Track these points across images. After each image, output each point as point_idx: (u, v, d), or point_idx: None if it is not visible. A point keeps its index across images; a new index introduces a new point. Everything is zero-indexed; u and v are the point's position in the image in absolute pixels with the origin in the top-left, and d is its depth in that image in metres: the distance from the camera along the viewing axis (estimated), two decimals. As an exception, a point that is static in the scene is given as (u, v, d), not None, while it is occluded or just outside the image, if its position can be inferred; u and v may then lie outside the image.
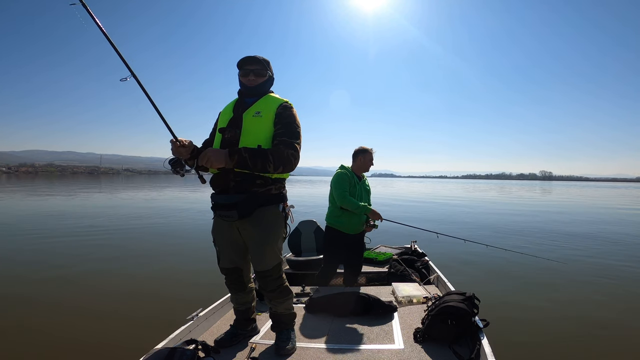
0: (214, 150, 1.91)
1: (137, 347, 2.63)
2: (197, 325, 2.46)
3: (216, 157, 1.88)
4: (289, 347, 2.19)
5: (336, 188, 3.36)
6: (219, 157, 1.89)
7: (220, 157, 1.89)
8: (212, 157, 1.87)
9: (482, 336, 2.16)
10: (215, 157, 1.88)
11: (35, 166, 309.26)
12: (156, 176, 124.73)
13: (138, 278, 5.37)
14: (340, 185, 3.35)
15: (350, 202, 3.32)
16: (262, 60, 2.16)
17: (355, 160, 3.54)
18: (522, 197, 31.52)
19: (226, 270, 2.26)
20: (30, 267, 5.92)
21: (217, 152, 1.90)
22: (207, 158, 1.87)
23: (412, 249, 4.81)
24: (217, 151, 1.91)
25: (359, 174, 3.56)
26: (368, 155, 3.52)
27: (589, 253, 7.46)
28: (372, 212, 3.41)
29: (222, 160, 1.90)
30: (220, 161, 1.89)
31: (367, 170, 3.57)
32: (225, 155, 1.90)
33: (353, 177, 3.45)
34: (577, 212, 16.71)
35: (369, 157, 3.52)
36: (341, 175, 3.41)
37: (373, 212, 3.41)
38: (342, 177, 3.39)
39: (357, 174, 3.53)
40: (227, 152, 1.92)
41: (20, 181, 54.72)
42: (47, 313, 3.99)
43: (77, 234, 9.06)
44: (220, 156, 1.89)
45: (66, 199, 20.87)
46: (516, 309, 4.23)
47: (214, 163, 1.88)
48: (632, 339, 3.46)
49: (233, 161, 1.91)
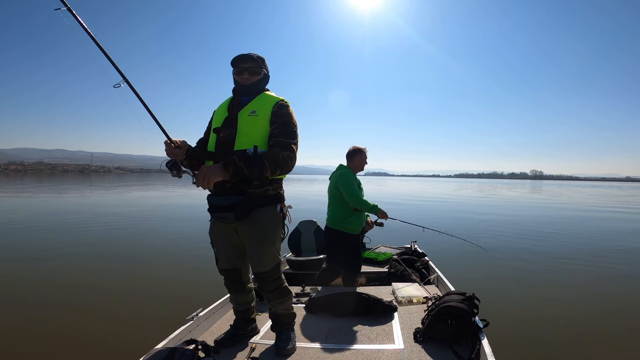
0: (208, 168, 1.86)
1: (137, 347, 2.61)
2: (197, 325, 2.45)
3: (212, 173, 1.83)
4: (289, 347, 2.19)
5: (348, 189, 3.34)
6: (216, 173, 1.84)
7: (216, 173, 1.84)
8: (208, 175, 1.82)
9: (482, 336, 2.17)
10: (211, 173, 1.83)
11: (24, 164, 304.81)
12: (148, 175, 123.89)
13: (138, 278, 5.33)
14: (352, 185, 3.36)
15: (365, 203, 3.36)
16: (257, 57, 2.12)
17: (353, 160, 3.55)
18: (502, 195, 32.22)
19: (225, 272, 2.25)
20: (30, 267, 5.86)
21: (212, 169, 1.85)
22: (202, 176, 1.82)
23: (412, 249, 4.82)
24: (212, 168, 1.86)
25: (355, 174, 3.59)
26: (364, 154, 3.56)
27: (589, 253, 7.52)
28: (382, 212, 3.53)
29: (220, 175, 1.85)
30: (218, 176, 1.84)
31: (363, 169, 3.59)
32: (220, 169, 1.85)
33: (356, 177, 3.49)
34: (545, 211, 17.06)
35: (364, 156, 3.57)
36: (350, 175, 3.43)
37: (382, 211, 3.52)
38: (351, 177, 3.42)
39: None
40: (222, 165, 1.86)
41: (10, 179, 53.95)
42: (47, 313, 3.95)
43: (76, 233, 8.95)
44: (217, 171, 1.84)
45: (60, 197, 20.63)
46: (516, 309, 4.26)
47: (212, 179, 1.83)
48: (632, 339, 3.50)
49: (229, 173, 1.87)
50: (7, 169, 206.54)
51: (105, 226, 10.20)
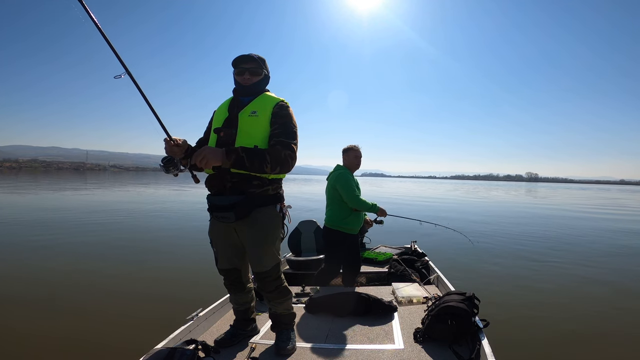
0: (210, 149, 1.86)
1: (137, 347, 2.61)
2: (197, 325, 2.44)
3: (213, 155, 1.83)
4: (289, 347, 2.18)
5: (347, 190, 3.33)
6: (216, 155, 1.84)
7: (217, 156, 1.84)
8: (208, 155, 1.82)
9: (482, 336, 2.17)
10: (212, 155, 1.83)
11: (19, 161, 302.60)
12: (144, 173, 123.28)
13: (138, 278, 5.31)
14: (350, 186, 3.35)
15: (364, 202, 3.36)
16: (258, 58, 2.12)
17: (348, 154, 3.53)
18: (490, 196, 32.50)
19: (224, 272, 2.24)
20: (29, 266, 5.81)
21: (214, 151, 1.85)
22: (202, 156, 1.81)
23: (412, 249, 4.83)
24: (214, 149, 1.86)
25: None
26: (357, 152, 3.53)
27: (587, 253, 7.58)
28: (382, 210, 3.51)
29: (219, 159, 1.85)
30: (217, 160, 1.84)
31: (358, 167, 3.56)
32: (222, 153, 1.85)
33: (353, 177, 3.48)
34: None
35: (358, 153, 3.53)
36: (348, 175, 3.42)
37: (382, 209, 3.50)
38: (349, 177, 3.41)
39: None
40: (224, 151, 1.87)
41: (4, 176, 53.49)
42: (46, 313, 3.92)
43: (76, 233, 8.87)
44: (217, 154, 1.84)
45: (58, 195, 20.47)
46: (516, 309, 4.27)
47: (211, 161, 1.83)
48: (632, 338, 3.52)
49: (230, 160, 1.86)
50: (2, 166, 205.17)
51: (104, 225, 10.12)
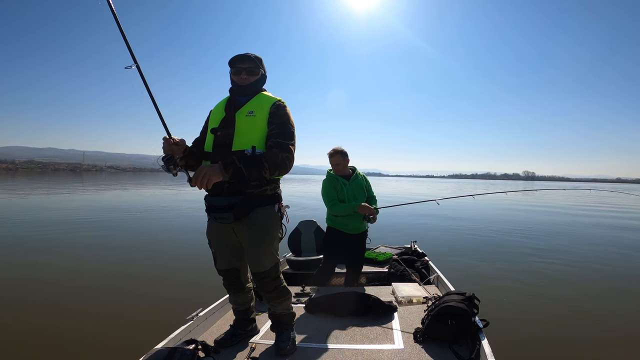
0: (207, 167, 1.82)
1: (137, 347, 2.60)
2: (197, 325, 2.44)
3: (213, 173, 1.79)
4: (288, 347, 2.18)
5: (324, 198, 3.45)
6: (216, 173, 1.80)
7: (216, 173, 1.80)
8: (208, 174, 1.78)
9: (482, 336, 2.18)
10: (212, 173, 1.79)
11: (15, 163, 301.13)
12: (141, 173, 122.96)
13: (138, 278, 5.30)
14: (326, 194, 3.43)
15: (339, 208, 3.36)
16: (255, 58, 2.11)
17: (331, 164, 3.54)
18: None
19: (223, 272, 2.24)
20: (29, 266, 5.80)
21: (212, 169, 1.81)
22: (202, 176, 1.77)
23: (412, 249, 4.83)
24: (212, 167, 1.82)
25: (344, 174, 3.50)
26: (331, 159, 3.48)
27: (587, 253, 7.58)
28: (361, 207, 3.32)
29: (220, 176, 1.82)
30: (218, 176, 1.81)
31: (345, 169, 3.49)
32: (220, 169, 1.82)
33: (338, 180, 3.43)
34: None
35: (332, 160, 3.48)
36: (325, 184, 3.47)
37: (362, 207, 3.32)
38: (326, 186, 3.46)
39: (342, 175, 3.49)
40: (222, 165, 1.83)
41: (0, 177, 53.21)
42: (46, 314, 3.91)
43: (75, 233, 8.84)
44: (216, 171, 1.81)
45: (56, 196, 20.39)
46: (516, 309, 4.28)
47: (212, 179, 1.79)
48: (632, 338, 3.53)
49: (228, 174, 1.85)
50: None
51: (103, 226, 10.09)
